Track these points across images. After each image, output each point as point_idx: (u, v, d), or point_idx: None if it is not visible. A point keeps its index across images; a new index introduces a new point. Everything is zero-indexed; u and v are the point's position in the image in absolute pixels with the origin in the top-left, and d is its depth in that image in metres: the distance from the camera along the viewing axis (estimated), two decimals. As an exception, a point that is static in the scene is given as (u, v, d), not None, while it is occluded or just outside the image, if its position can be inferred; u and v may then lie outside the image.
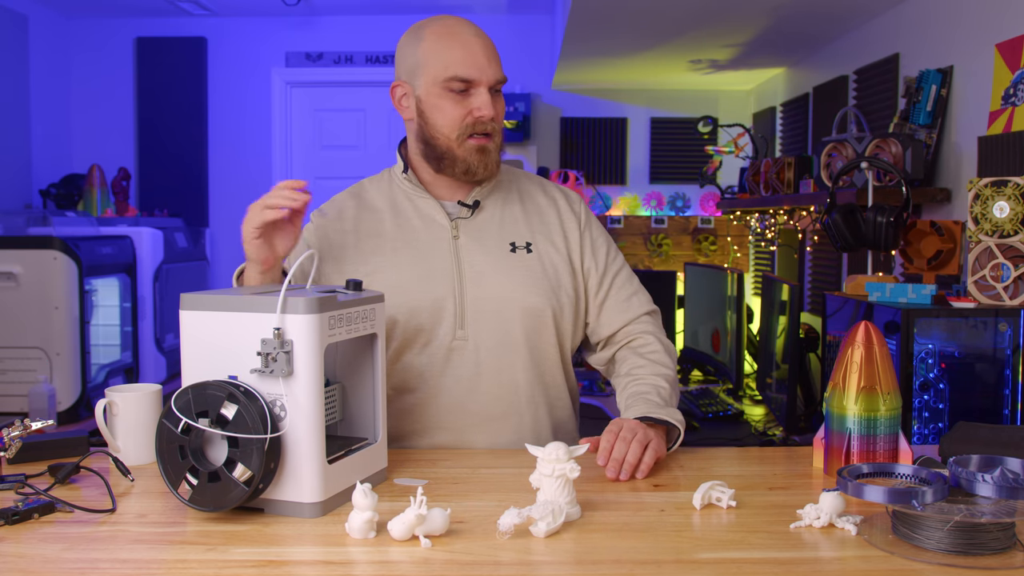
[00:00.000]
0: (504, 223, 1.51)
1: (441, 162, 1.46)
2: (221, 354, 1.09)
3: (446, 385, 1.46)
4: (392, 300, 1.42)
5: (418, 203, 1.51)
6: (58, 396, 3.03)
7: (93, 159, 4.71)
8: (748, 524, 1.06)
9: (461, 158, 1.44)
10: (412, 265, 1.46)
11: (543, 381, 1.50)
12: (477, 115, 1.42)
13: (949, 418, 1.78)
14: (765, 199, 3.41)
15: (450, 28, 1.44)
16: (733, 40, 3.63)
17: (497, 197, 1.54)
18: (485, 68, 1.41)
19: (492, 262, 1.47)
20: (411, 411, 1.47)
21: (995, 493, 0.98)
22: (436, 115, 1.43)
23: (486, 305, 1.46)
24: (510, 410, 1.47)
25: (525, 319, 1.47)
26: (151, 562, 0.95)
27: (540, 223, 1.54)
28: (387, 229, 1.50)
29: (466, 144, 1.43)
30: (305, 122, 4.92)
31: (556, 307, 1.49)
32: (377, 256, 1.47)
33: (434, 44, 1.42)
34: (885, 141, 2.46)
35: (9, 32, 4.22)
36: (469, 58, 1.41)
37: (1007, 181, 1.79)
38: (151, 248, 3.83)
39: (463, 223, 1.49)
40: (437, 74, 1.41)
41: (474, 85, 1.41)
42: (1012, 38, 2.22)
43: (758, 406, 2.98)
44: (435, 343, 1.45)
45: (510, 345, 1.47)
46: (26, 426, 1.24)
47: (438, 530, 1.00)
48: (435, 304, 1.44)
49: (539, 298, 1.47)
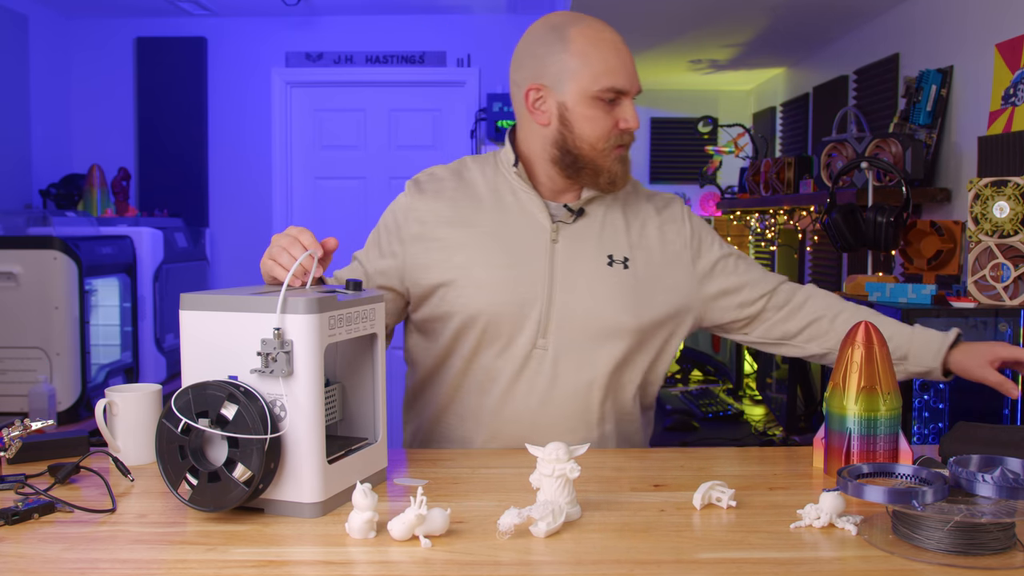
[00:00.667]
0: (604, 232, 1.46)
1: (581, 171, 1.41)
2: (221, 354, 1.09)
3: (519, 393, 1.42)
4: (478, 296, 1.40)
5: (522, 198, 1.46)
6: (58, 396, 3.03)
7: (93, 159, 4.70)
8: (748, 524, 1.06)
9: (606, 168, 1.40)
10: (505, 264, 1.42)
11: (618, 400, 1.46)
12: (624, 127, 1.38)
13: (949, 418, 1.78)
14: (765, 199, 3.41)
15: (600, 33, 1.39)
16: (733, 40, 3.63)
17: (601, 204, 1.48)
18: (634, 78, 1.39)
19: (587, 273, 1.43)
20: (478, 413, 1.44)
21: (995, 493, 0.98)
22: (584, 125, 1.38)
23: (572, 317, 1.41)
24: (580, 425, 1.44)
25: (609, 337, 1.42)
26: (151, 562, 0.95)
27: (641, 236, 1.48)
28: (486, 219, 1.45)
29: (611, 154, 1.39)
30: (305, 122, 4.92)
31: (644, 328, 1.44)
32: (468, 248, 1.43)
33: (585, 50, 1.37)
34: (885, 141, 2.46)
35: (9, 32, 4.22)
36: (622, 68, 1.37)
37: (1007, 181, 1.79)
38: (151, 248, 3.83)
39: (564, 228, 1.44)
40: (589, 83, 1.36)
41: (624, 96, 1.38)
42: (1012, 38, 2.22)
43: (758, 406, 2.98)
44: (514, 348, 1.41)
45: (591, 361, 1.42)
46: (26, 426, 1.24)
47: (438, 530, 1.00)
48: (521, 309, 1.40)
49: (627, 316, 1.42)
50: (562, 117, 1.39)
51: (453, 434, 1.48)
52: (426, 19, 4.75)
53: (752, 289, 1.52)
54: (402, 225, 1.47)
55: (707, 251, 1.52)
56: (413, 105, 4.82)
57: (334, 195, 4.89)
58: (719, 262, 1.52)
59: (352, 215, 4.87)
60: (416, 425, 1.55)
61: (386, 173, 4.86)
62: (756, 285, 1.53)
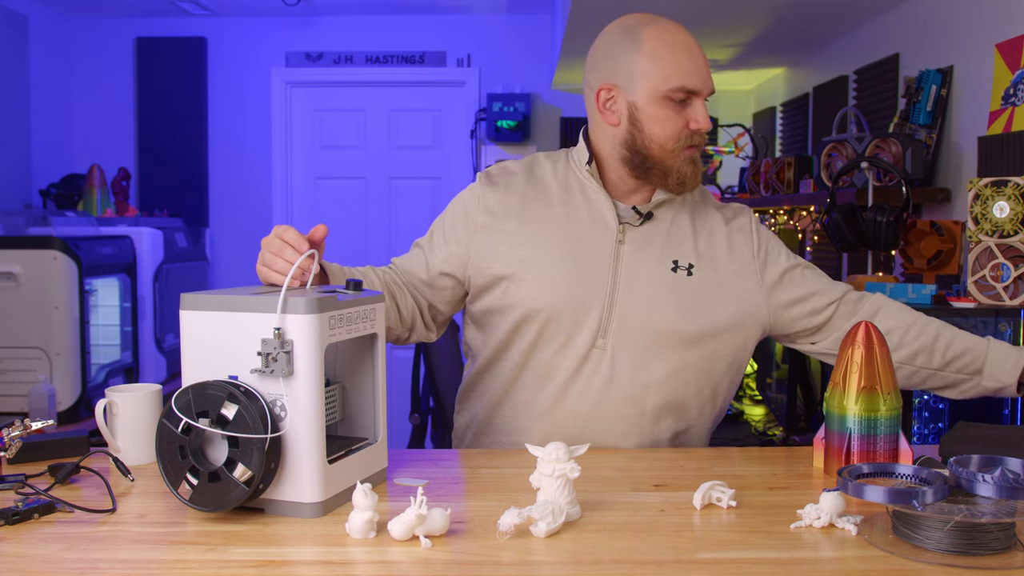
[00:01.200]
0: (670, 238, 1.46)
1: (650, 172, 1.41)
2: (221, 354, 1.09)
3: (575, 391, 1.42)
4: (539, 291, 1.40)
5: (592, 197, 1.46)
6: (58, 396, 3.03)
7: (93, 159, 4.70)
8: (748, 524, 1.06)
9: (676, 169, 1.40)
10: (569, 261, 1.42)
11: (678, 406, 1.45)
12: (695, 127, 1.39)
13: (949, 418, 1.78)
14: (765, 199, 3.41)
15: (673, 34, 1.39)
16: (733, 40, 3.63)
17: (670, 209, 1.48)
18: (707, 79, 1.38)
19: (650, 277, 1.42)
20: (532, 408, 1.44)
21: (995, 493, 0.98)
22: (655, 125, 1.39)
23: (633, 320, 1.41)
24: (633, 429, 1.43)
25: (669, 342, 1.41)
26: (151, 562, 0.95)
27: (708, 245, 1.47)
28: (554, 215, 1.45)
29: (681, 155, 1.40)
30: (305, 122, 4.92)
31: (705, 335, 1.42)
32: (533, 243, 1.43)
33: (658, 50, 1.37)
34: (885, 141, 2.46)
35: (9, 32, 4.22)
36: (694, 68, 1.37)
37: (1007, 181, 1.79)
38: (151, 248, 3.83)
39: (630, 230, 1.44)
40: (660, 84, 1.37)
41: (695, 96, 1.38)
42: (1012, 38, 2.22)
43: (758, 406, 2.98)
44: (573, 346, 1.41)
45: (648, 364, 1.42)
46: (26, 426, 1.24)
47: (438, 530, 1.00)
48: (583, 307, 1.40)
49: (688, 324, 1.41)
50: (632, 117, 1.40)
51: (507, 426, 1.48)
52: (426, 19, 4.75)
53: (821, 297, 1.50)
54: (471, 214, 1.47)
55: (775, 262, 1.51)
56: (413, 105, 4.82)
57: (334, 195, 4.89)
58: (787, 272, 1.51)
59: (352, 215, 4.88)
60: (471, 415, 1.55)
61: (386, 173, 4.86)
62: (824, 293, 1.50)
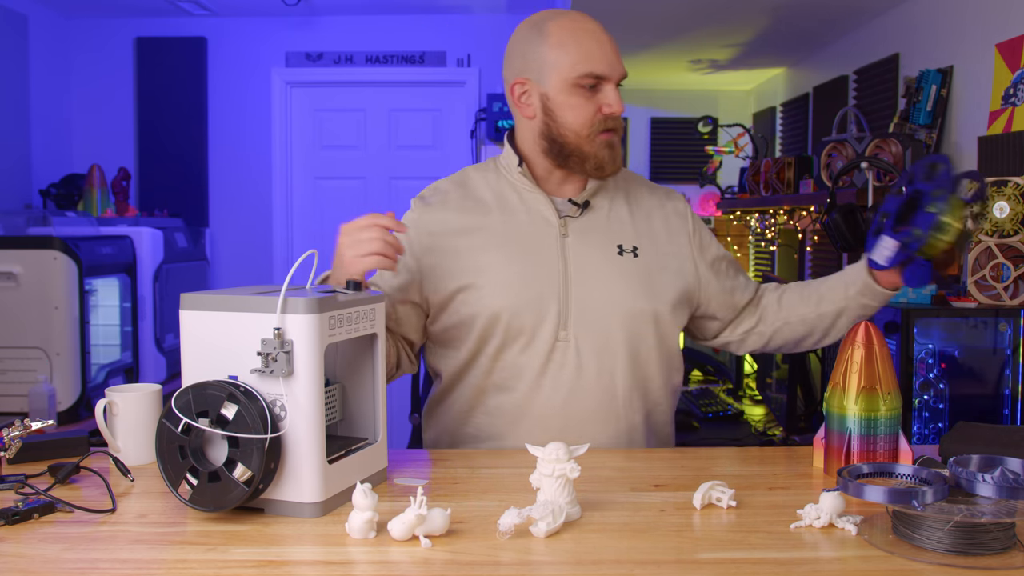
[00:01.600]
0: (612, 224, 1.49)
1: (568, 159, 1.44)
2: (221, 354, 1.09)
3: (546, 386, 1.44)
4: (496, 297, 1.41)
5: (527, 198, 1.48)
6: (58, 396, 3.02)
7: (93, 159, 4.70)
8: (748, 524, 1.06)
9: (592, 154, 1.42)
10: (518, 263, 1.44)
11: (643, 386, 1.49)
12: (607, 111, 1.40)
13: (949, 418, 1.78)
14: (765, 199, 3.41)
15: (578, 23, 1.41)
16: (733, 40, 3.63)
17: (605, 197, 1.51)
18: (615, 63, 1.40)
19: (599, 263, 1.46)
20: (509, 410, 1.45)
21: (995, 493, 0.98)
22: (566, 113, 1.41)
23: (590, 307, 1.44)
24: (609, 414, 1.46)
25: (628, 323, 1.45)
26: (151, 562, 0.95)
27: (647, 226, 1.52)
28: (494, 222, 1.47)
29: (596, 140, 1.41)
30: (305, 122, 4.92)
31: (660, 312, 1.47)
32: (481, 251, 1.45)
33: (564, 40, 1.40)
34: (885, 141, 2.46)
35: (9, 32, 4.22)
36: (600, 54, 1.39)
37: (1007, 181, 1.79)
38: (151, 248, 3.83)
39: (572, 222, 1.47)
40: (568, 72, 1.39)
41: (605, 81, 1.40)
42: (1012, 38, 2.22)
43: (758, 406, 2.98)
44: (537, 343, 1.43)
45: (612, 348, 1.45)
46: (26, 426, 1.24)
47: (438, 530, 1.00)
48: (540, 303, 1.42)
49: (643, 303, 1.46)
50: (545, 108, 1.43)
51: (482, 433, 1.49)
52: (426, 19, 4.75)
53: (740, 293, 1.59)
54: (412, 239, 1.48)
55: (707, 247, 1.58)
56: (413, 105, 4.81)
57: (334, 195, 4.89)
58: (716, 261, 1.57)
59: (352, 215, 4.83)
60: (440, 429, 1.56)
61: (386, 173, 4.86)
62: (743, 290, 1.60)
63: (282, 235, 4.91)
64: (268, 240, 4.91)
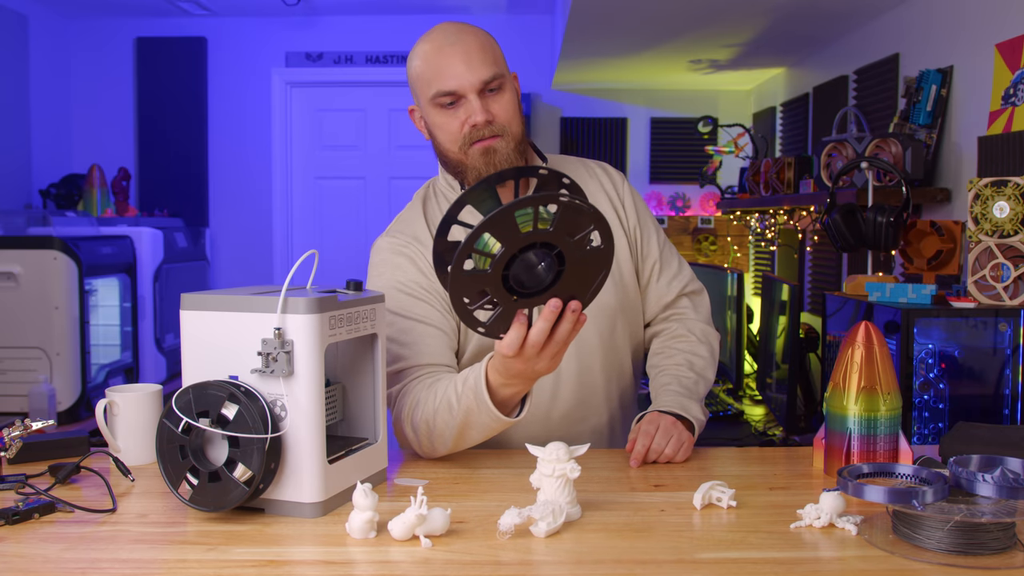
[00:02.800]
0: None
1: (458, 172, 1.45)
2: (221, 354, 1.09)
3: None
4: None
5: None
6: (58, 396, 3.03)
7: (93, 159, 4.71)
8: (748, 524, 1.06)
9: (470, 166, 1.41)
10: None
11: (618, 378, 1.52)
12: (470, 124, 1.39)
13: (949, 418, 1.78)
14: (765, 199, 3.41)
15: (431, 41, 1.40)
16: (733, 40, 3.63)
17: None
18: (464, 74, 1.37)
19: None
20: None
21: (995, 493, 0.98)
22: (438, 132, 1.42)
23: None
24: (590, 412, 1.48)
25: (598, 319, 1.47)
26: (151, 562, 0.95)
27: None
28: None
29: (471, 152, 1.40)
30: (305, 122, 4.92)
31: (623, 300, 1.50)
32: None
33: (420, 63, 1.41)
34: (885, 141, 2.46)
35: (9, 32, 4.22)
36: (446, 70, 1.37)
37: (1007, 181, 1.79)
38: (151, 248, 3.83)
39: None
40: (426, 93, 1.40)
41: (459, 95, 1.38)
42: (1012, 38, 2.22)
43: (758, 406, 2.98)
44: None
45: (586, 346, 1.47)
46: (26, 426, 1.24)
47: (438, 530, 1.00)
48: None
49: (608, 295, 1.48)
50: (429, 130, 1.45)
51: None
52: (426, 19, 4.75)
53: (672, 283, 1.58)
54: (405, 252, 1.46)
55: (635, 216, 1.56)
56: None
57: (334, 195, 4.89)
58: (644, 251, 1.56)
59: (352, 215, 4.88)
60: None
61: (386, 173, 4.86)
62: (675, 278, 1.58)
63: (282, 235, 4.91)
64: (268, 240, 4.92)
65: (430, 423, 1.29)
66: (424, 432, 1.31)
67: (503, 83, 1.41)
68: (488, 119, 1.38)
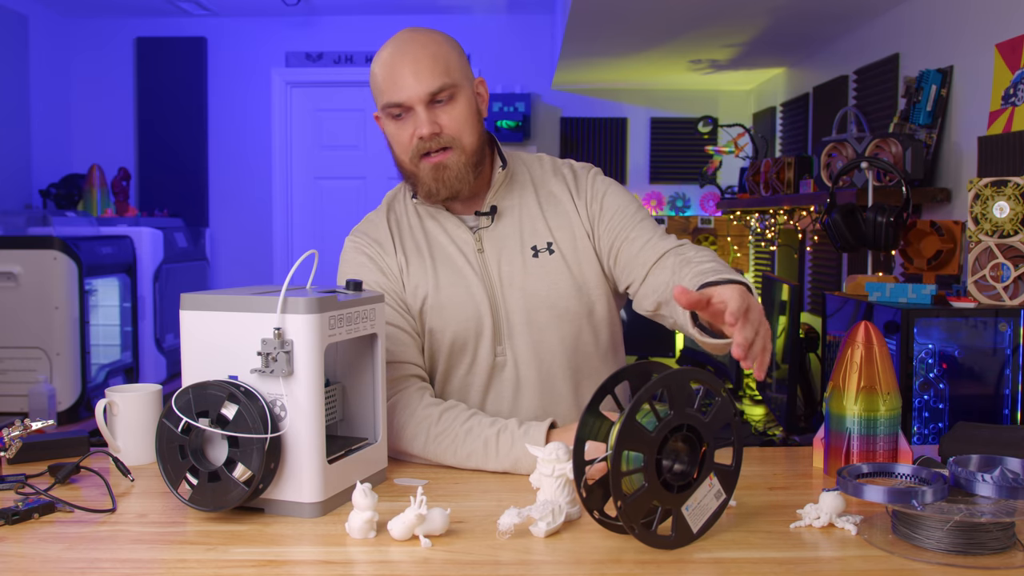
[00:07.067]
0: (524, 225, 1.46)
1: (413, 186, 1.43)
2: (221, 354, 1.09)
3: (488, 404, 1.44)
4: (438, 321, 1.41)
5: (441, 219, 1.47)
6: (58, 396, 3.03)
7: (93, 159, 4.71)
8: (748, 524, 1.06)
9: (420, 179, 1.40)
10: (450, 285, 1.43)
11: (590, 382, 1.48)
12: (417, 136, 1.37)
13: (949, 418, 1.78)
14: (765, 199, 3.41)
15: (387, 49, 1.39)
16: (733, 40, 3.63)
17: (513, 196, 1.48)
18: (411, 86, 1.34)
19: (517, 271, 1.43)
20: None
21: (995, 493, 0.98)
22: (391, 143, 1.41)
23: (518, 317, 1.43)
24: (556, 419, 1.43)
25: (559, 324, 1.44)
26: (151, 562, 0.95)
27: (556, 214, 1.47)
28: (423, 248, 1.46)
29: (421, 166, 1.38)
30: (305, 122, 4.93)
31: (588, 304, 1.45)
32: (421, 278, 1.44)
33: (374, 76, 1.40)
34: (885, 141, 2.46)
35: (9, 32, 4.22)
36: (392, 81, 1.36)
37: (1007, 181, 1.79)
38: (151, 248, 3.84)
39: (485, 233, 1.45)
40: (380, 103, 1.39)
41: (407, 106, 1.36)
42: (1012, 38, 2.22)
43: (758, 406, 2.98)
44: (478, 362, 1.43)
45: (547, 354, 1.44)
46: (26, 426, 1.24)
47: (438, 530, 1.00)
48: (475, 322, 1.42)
49: (569, 300, 1.44)
50: (387, 139, 1.44)
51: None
52: (426, 19, 4.76)
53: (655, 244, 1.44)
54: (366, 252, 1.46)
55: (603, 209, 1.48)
56: (413, 105, 4.82)
57: (334, 195, 4.89)
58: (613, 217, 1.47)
59: (352, 215, 4.88)
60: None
61: (386, 173, 4.86)
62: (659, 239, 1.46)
63: (282, 235, 4.92)
64: (268, 240, 4.92)
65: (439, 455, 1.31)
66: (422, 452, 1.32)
67: (454, 93, 1.37)
68: (435, 131, 1.36)
